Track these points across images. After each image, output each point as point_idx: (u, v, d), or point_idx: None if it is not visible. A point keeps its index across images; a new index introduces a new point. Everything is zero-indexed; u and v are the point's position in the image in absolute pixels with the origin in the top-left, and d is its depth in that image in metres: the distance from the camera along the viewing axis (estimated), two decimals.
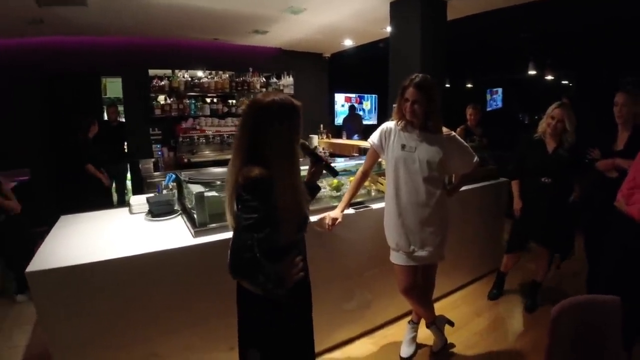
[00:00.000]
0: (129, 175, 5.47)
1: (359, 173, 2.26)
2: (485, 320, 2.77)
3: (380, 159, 2.29)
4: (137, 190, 5.13)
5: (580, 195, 2.64)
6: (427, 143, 2.04)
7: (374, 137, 2.19)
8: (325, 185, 2.77)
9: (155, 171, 4.87)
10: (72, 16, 4.00)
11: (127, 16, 4.17)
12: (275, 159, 1.24)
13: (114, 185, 5.11)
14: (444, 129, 2.11)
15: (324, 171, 1.61)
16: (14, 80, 4.79)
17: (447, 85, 9.27)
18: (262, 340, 1.37)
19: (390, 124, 2.16)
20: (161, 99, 5.49)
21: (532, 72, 7.17)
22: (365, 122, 8.77)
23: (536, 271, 2.93)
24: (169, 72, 5.47)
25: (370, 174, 2.35)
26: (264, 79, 6.19)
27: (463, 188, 3.03)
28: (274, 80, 6.29)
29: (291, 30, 5.15)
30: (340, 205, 2.19)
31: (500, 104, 10.37)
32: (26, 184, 4.40)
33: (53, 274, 1.59)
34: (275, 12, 4.27)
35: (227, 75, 5.86)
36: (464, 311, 2.88)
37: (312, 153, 1.55)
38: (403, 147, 2.07)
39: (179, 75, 5.50)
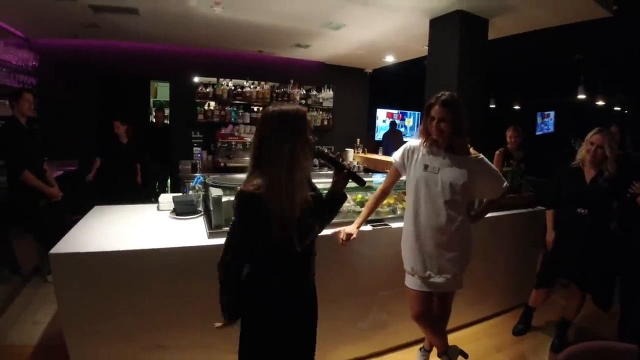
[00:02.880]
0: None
1: (378, 190, 2.22)
2: (504, 357, 2.59)
3: (401, 178, 2.24)
4: (175, 190, 5.38)
5: (619, 232, 2.42)
6: (451, 165, 1.97)
7: (397, 155, 2.15)
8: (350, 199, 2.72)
9: (193, 172, 5.09)
10: (125, 23, 4.32)
11: (176, 26, 4.44)
12: (269, 168, 1.25)
13: (156, 183, 5.40)
14: (472, 151, 2.02)
15: (350, 181, 1.44)
16: (72, 78, 5.23)
17: (492, 106, 8.94)
18: (256, 350, 1.37)
19: (415, 142, 2.11)
20: (206, 105, 5.77)
21: (581, 96, 6.73)
22: (406, 139, 8.63)
23: (567, 308, 2.69)
24: (214, 80, 5.75)
25: (390, 192, 2.30)
26: (304, 91, 6.31)
27: (496, 214, 2.92)
28: (314, 92, 6.40)
29: (332, 45, 5.23)
30: (357, 220, 2.16)
31: (551, 128, 9.83)
32: (73, 174, 4.76)
33: (73, 258, 1.72)
34: (316, 28, 4.37)
35: (269, 86, 6.04)
36: (484, 344, 2.71)
37: (331, 160, 1.42)
38: (426, 167, 2.01)
39: (223, 83, 5.76)
